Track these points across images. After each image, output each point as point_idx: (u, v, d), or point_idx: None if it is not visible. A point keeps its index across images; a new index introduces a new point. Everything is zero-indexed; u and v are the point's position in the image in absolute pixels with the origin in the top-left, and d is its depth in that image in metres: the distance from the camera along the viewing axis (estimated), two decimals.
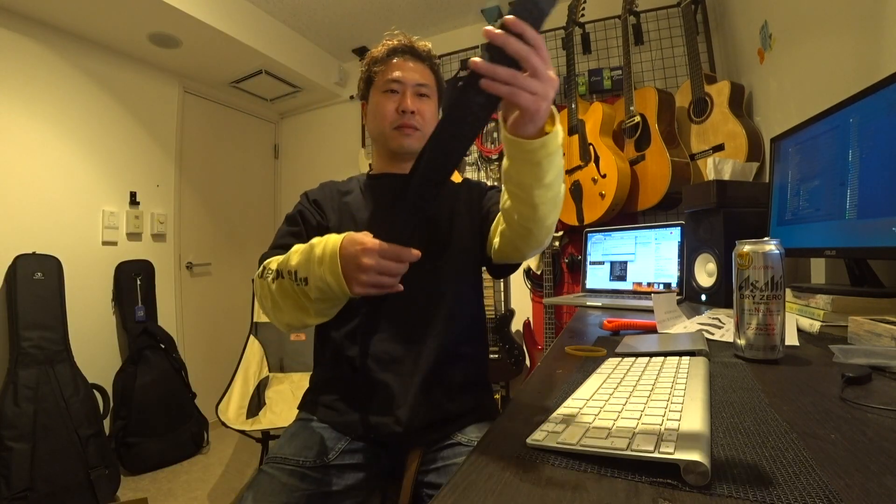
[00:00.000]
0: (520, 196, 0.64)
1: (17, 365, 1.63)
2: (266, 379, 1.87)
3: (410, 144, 0.86)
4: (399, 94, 0.86)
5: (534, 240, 0.70)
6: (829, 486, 0.28)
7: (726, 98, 1.54)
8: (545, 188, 0.61)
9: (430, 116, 0.89)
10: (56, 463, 1.58)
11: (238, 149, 2.83)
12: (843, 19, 1.02)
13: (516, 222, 0.68)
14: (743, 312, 0.61)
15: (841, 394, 0.45)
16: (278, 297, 0.68)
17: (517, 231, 0.70)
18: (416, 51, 0.88)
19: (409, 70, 0.87)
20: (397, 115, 0.85)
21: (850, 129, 0.79)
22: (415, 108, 0.85)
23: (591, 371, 0.56)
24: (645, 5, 1.90)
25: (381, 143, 0.91)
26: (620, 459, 0.33)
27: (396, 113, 0.85)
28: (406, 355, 0.79)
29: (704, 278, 1.17)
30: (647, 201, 1.73)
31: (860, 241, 0.75)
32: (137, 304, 2.10)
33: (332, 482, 0.71)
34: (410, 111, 0.85)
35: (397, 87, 0.86)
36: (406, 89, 0.86)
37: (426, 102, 0.88)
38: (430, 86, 0.89)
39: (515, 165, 0.60)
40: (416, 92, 0.87)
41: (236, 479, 1.96)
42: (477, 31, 2.38)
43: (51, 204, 1.89)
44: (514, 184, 0.63)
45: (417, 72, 0.87)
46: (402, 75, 0.86)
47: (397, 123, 0.85)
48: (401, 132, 0.86)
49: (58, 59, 1.92)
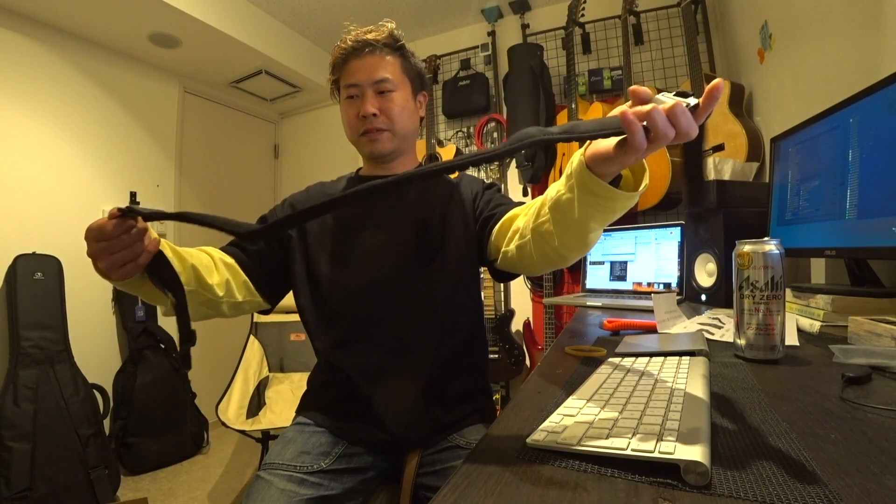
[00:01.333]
0: (572, 231, 0.56)
1: (17, 365, 1.63)
2: (266, 379, 1.87)
3: (381, 148, 0.83)
4: (359, 97, 0.81)
5: (564, 263, 0.65)
6: (829, 486, 0.28)
7: (726, 98, 1.54)
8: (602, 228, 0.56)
9: (399, 110, 0.82)
10: (56, 463, 1.58)
11: (238, 149, 2.83)
12: (843, 19, 1.02)
13: (554, 248, 0.60)
14: (743, 312, 0.61)
15: (841, 394, 0.45)
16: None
17: (550, 256, 0.63)
18: (368, 43, 0.81)
19: (363, 69, 0.81)
20: (360, 122, 0.81)
21: (850, 129, 0.79)
22: (376, 110, 0.80)
23: (591, 371, 0.56)
24: (645, 5, 1.90)
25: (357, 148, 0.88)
26: (620, 459, 0.33)
27: (358, 119, 0.81)
28: (396, 367, 0.77)
29: (704, 278, 1.17)
30: (647, 201, 1.73)
31: (860, 241, 0.75)
32: (137, 304, 2.09)
33: (331, 486, 0.71)
34: (371, 114, 0.80)
35: (355, 91, 0.81)
36: (364, 91, 0.81)
37: (389, 98, 0.82)
38: (393, 77, 0.82)
39: (585, 207, 0.52)
40: (376, 90, 0.81)
41: (236, 479, 1.96)
42: (477, 31, 2.38)
43: (51, 204, 1.89)
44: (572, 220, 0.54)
45: (374, 67, 0.81)
46: (358, 77, 0.81)
47: (361, 130, 0.82)
48: (368, 138, 0.82)
49: (58, 59, 1.92)
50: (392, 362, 0.77)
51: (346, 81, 0.82)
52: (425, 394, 0.76)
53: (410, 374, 0.77)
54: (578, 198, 0.52)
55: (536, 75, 2.01)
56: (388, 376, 0.77)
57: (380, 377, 0.76)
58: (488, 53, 2.30)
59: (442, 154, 2.27)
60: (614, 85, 1.96)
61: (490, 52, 2.30)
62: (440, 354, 0.78)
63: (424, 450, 0.77)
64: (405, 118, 0.84)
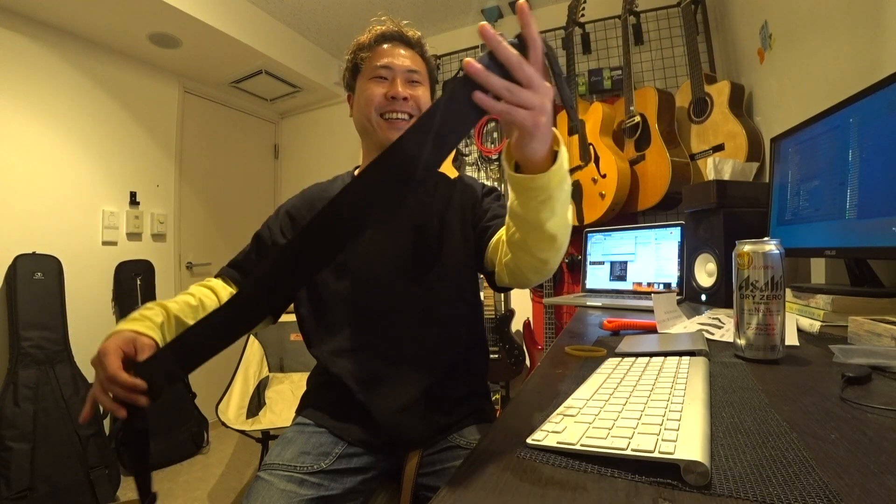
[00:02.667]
0: (533, 233, 0.56)
1: (17, 365, 1.63)
2: (266, 379, 1.87)
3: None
4: (388, 80, 0.81)
5: (548, 268, 0.63)
6: (829, 486, 0.28)
7: (726, 98, 1.54)
8: (560, 216, 0.55)
9: (425, 103, 0.83)
10: (56, 463, 1.58)
11: (238, 149, 2.83)
12: (843, 19, 1.02)
13: (531, 255, 0.60)
14: (743, 312, 0.61)
15: (841, 394, 0.45)
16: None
17: (530, 264, 0.62)
18: (405, 37, 0.83)
19: (398, 56, 0.81)
20: (386, 101, 0.80)
21: (850, 129, 0.79)
22: (406, 95, 0.80)
23: (591, 371, 0.56)
24: (645, 5, 1.90)
25: (367, 135, 0.85)
26: (620, 459, 0.33)
27: (385, 99, 0.79)
28: (394, 375, 0.76)
29: (704, 278, 1.17)
30: (647, 201, 1.73)
31: (860, 241, 0.75)
32: (137, 304, 2.10)
33: (331, 486, 0.70)
34: (402, 97, 0.79)
35: (386, 73, 0.80)
36: (396, 75, 0.81)
37: (419, 88, 0.83)
38: (422, 73, 0.84)
39: (525, 204, 0.53)
40: (407, 79, 0.81)
41: (236, 479, 1.95)
42: (477, 31, 2.38)
43: (51, 204, 1.89)
44: (526, 222, 0.55)
45: (408, 58, 0.82)
46: (392, 61, 0.81)
47: (385, 109, 0.80)
48: (389, 123, 0.80)
49: (58, 59, 1.92)
50: (390, 370, 0.77)
51: (379, 62, 0.81)
52: (424, 399, 0.76)
53: (409, 381, 0.76)
54: (517, 198, 0.54)
55: None
56: (387, 384, 0.76)
57: (378, 384, 0.76)
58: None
59: None
60: (614, 85, 1.96)
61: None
62: (439, 363, 0.78)
63: (424, 450, 0.77)
64: None
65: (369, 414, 0.75)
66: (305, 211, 0.87)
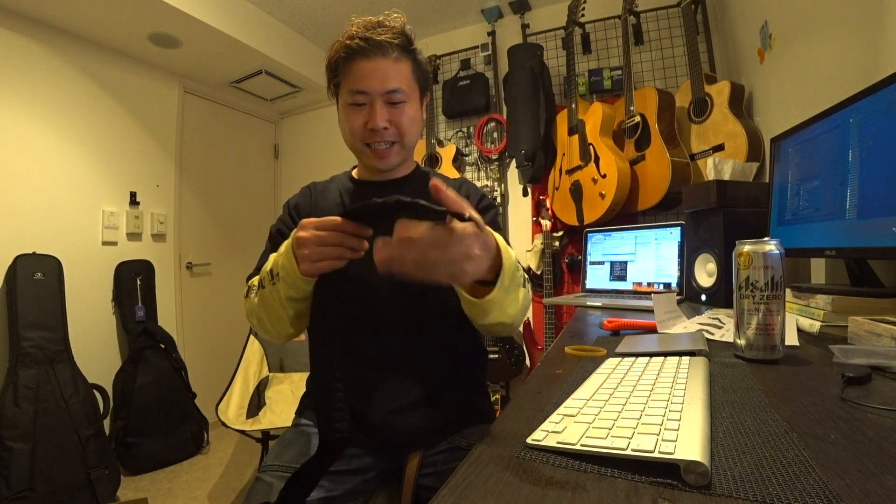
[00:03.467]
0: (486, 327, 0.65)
1: (17, 365, 1.63)
2: (266, 379, 1.87)
3: (388, 164, 0.79)
4: (367, 105, 0.75)
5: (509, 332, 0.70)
6: (829, 486, 0.28)
7: (726, 98, 1.54)
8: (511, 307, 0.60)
9: (409, 122, 0.77)
10: (56, 463, 1.58)
11: (238, 149, 2.83)
12: (843, 19, 1.02)
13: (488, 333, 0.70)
14: (743, 312, 0.61)
15: (841, 394, 0.45)
16: (261, 311, 0.68)
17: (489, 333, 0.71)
18: (379, 45, 0.73)
19: (374, 76, 0.73)
20: (367, 132, 0.76)
21: (850, 129, 0.79)
22: (386, 123, 0.74)
23: (591, 371, 0.56)
24: (645, 5, 1.90)
25: (357, 157, 0.84)
26: (620, 459, 0.33)
27: (365, 130, 0.75)
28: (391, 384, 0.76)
29: (704, 278, 1.17)
30: (647, 201, 1.73)
31: (860, 241, 0.75)
32: (137, 304, 2.10)
33: (332, 487, 0.70)
34: (382, 127, 0.74)
35: (363, 98, 0.74)
36: (374, 100, 0.74)
37: (401, 110, 0.76)
38: (405, 84, 0.76)
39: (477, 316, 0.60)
40: (387, 101, 0.75)
41: (236, 479, 1.95)
42: (477, 31, 2.38)
43: (51, 204, 1.89)
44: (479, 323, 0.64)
45: (385, 74, 0.74)
46: (368, 85, 0.73)
47: (367, 140, 0.77)
48: (374, 153, 0.78)
49: (58, 59, 1.92)
50: (383, 376, 0.77)
51: (353, 87, 0.74)
52: (418, 401, 0.76)
53: (402, 385, 0.76)
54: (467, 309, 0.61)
55: (536, 75, 2.01)
56: (380, 389, 0.76)
57: (374, 392, 0.76)
58: (488, 53, 2.30)
59: (442, 154, 2.27)
60: (614, 85, 1.96)
61: (490, 52, 2.30)
62: (433, 367, 0.78)
63: (425, 451, 0.77)
64: (414, 129, 0.80)
65: (365, 416, 0.75)
66: (309, 207, 0.87)
